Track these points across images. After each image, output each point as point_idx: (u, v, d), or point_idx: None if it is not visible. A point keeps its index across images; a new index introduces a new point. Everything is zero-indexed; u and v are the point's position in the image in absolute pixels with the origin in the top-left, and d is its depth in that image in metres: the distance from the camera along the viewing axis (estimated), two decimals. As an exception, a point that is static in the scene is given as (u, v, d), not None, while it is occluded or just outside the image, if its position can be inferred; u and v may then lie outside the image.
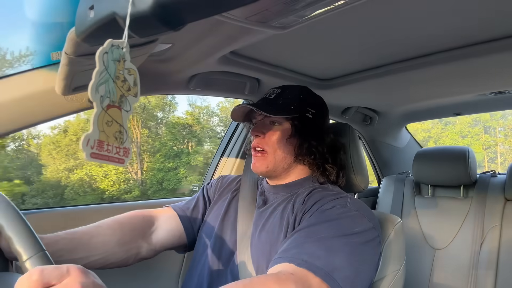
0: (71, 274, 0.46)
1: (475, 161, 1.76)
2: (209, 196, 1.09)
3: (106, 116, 0.44)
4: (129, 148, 0.48)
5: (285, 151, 0.95)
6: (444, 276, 1.66)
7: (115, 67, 0.44)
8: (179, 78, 1.10)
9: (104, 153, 0.44)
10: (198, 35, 0.84)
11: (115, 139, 0.45)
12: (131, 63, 0.47)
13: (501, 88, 1.53)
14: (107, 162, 0.45)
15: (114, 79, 0.44)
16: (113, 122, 0.45)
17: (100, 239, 0.86)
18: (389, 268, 0.91)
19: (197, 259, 0.97)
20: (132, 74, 0.47)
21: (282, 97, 0.97)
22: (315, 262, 0.69)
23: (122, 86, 0.46)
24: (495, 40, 1.04)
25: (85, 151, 0.42)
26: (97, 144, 0.43)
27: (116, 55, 0.43)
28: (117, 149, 0.46)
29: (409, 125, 2.35)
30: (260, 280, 0.65)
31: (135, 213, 0.97)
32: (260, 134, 0.95)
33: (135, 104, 0.49)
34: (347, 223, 0.79)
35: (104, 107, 0.43)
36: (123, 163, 0.47)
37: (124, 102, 0.46)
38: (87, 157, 0.42)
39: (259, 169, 0.95)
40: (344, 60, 1.23)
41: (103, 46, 0.42)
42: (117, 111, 0.45)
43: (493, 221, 1.60)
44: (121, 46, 0.44)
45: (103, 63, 0.42)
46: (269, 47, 1.07)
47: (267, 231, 0.88)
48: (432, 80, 1.38)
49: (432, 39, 1.05)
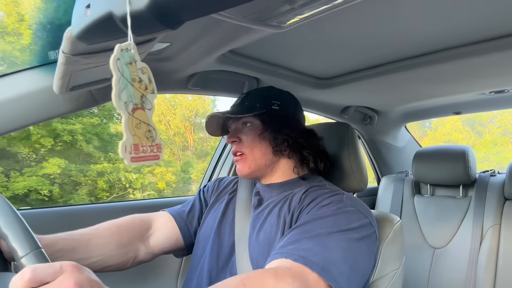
0: (65, 271, 0.46)
1: (474, 160, 1.76)
2: (205, 198, 1.09)
3: (133, 120, 0.45)
4: (160, 143, 0.49)
5: (262, 147, 0.95)
6: (444, 275, 1.66)
7: (129, 70, 0.44)
8: (178, 77, 1.09)
9: (141, 155, 0.45)
10: (196, 34, 0.84)
11: (146, 139, 0.47)
12: (142, 61, 0.47)
13: (501, 87, 1.53)
14: (146, 162, 0.46)
15: (131, 83, 0.45)
16: (141, 124, 0.46)
17: (99, 241, 0.86)
18: (388, 267, 0.91)
19: (196, 261, 0.97)
20: (145, 73, 0.48)
21: (247, 98, 0.99)
22: (312, 258, 0.69)
23: (140, 87, 0.47)
24: (494, 39, 1.03)
25: (125, 158, 0.43)
26: (133, 148, 0.44)
27: (127, 59, 0.44)
28: (150, 147, 0.47)
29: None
30: (257, 274, 0.65)
31: (132, 217, 0.98)
32: (236, 139, 0.96)
33: (155, 101, 0.50)
34: (344, 219, 0.79)
35: (130, 111, 0.44)
36: (159, 158, 0.48)
37: (146, 102, 0.47)
38: (128, 163, 0.43)
39: (243, 171, 0.96)
40: (343, 59, 1.23)
41: (114, 53, 0.42)
42: (142, 112, 0.47)
43: (493, 220, 1.60)
44: (129, 48, 0.44)
45: (118, 70, 0.42)
46: (268, 46, 1.06)
47: (264, 231, 0.88)
48: (432, 79, 1.38)
49: (431, 37, 1.04)
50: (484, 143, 8.12)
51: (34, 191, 6.30)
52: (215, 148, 1.69)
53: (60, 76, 0.76)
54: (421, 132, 9.75)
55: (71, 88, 0.85)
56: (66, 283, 0.44)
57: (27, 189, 6.22)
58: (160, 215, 1.04)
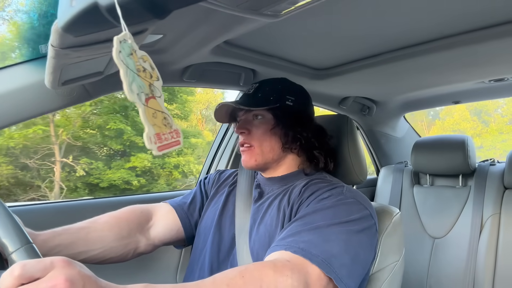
0: (55, 266, 0.45)
1: (474, 149, 1.75)
2: (206, 190, 1.08)
3: (149, 110, 0.45)
4: (178, 129, 0.49)
5: (271, 142, 0.94)
6: (443, 265, 1.67)
7: (133, 61, 0.44)
8: (172, 69, 1.08)
9: (164, 143, 0.46)
10: (189, 25, 0.82)
11: (165, 127, 0.47)
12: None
13: (500, 75, 1.51)
14: (170, 149, 0.47)
15: (138, 73, 0.44)
16: (156, 113, 0.46)
17: (98, 234, 0.85)
18: (388, 259, 0.91)
19: (197, 253, 0.97)
20: (146, 61, 0.47)
21: (260, 90, 0.96)
22: (312, 250, 0.69)
23: (145, 76, 0.46)
24: (494, 26, 1.02)
25: (152, 149, 0.44)
26: (157, 138, 0.45)
27: (127, 50, 0.43)
28: (170, 134, 0.47)
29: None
30: (256, 267, 0.65)
31: (132, 208, 0.97)
32: (245, 131, 0.94)
33: (162, 87, 0.50)
34: (344, 211, 0.78)
35: (144, 102, 0.44)
36: (180, 143, 0.49)
37: (154, 90, 0.47)
38: (156, 152, 0.44)
39: (248, 163, 0.94)
40: (340, 49, 1.21)
41: (114, 46, 0.41)
42: (154, 101, 0.47)
43: (492, 209, 1.60)
44: (126, 39, 0.42)
45: (122, 62, 0.42)
46: (263, 36, 1.04)
47: (265, 224, 0.88)
48: (431, 68, 1.37)
49: (430, 26, 1.03)
50: (490, 131, 8.27)
51: (126, 182, 7.75)
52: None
53: (51, 70, 0.75)
54: (428, 122, 9.86)
55: (63, 83, 0.83)
56: (56, 278, 0.44)
57: (121, 180, 7.65)
58: (161, 206, 1.03)
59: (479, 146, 7.65)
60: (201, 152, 9.40)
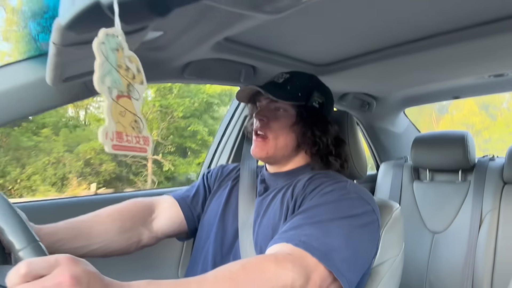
0: (60, 264, 0.46)
1: (473, 145, 1.75)
2: (209, 184, 1.09)
3: (118, 107, 0.44)
4: (148, 137, 0.48)
5: (287, 138, 0.93)
6: (443, 259, 1.68)
7: (115, 56, 0.43)
8: (173, 66, 1.08)
9: (124, 144, 0.45)
10: (189, 22, 0.82)
11: (132, 129, 0.46)
12: (130, 50, 0.46)
13: (500, 70, 1.51)
14: (130, 152, 0.46)
15: (117, 69, 0.44)
16: (126, 112, 0.45)
17: (101, 227, 0.86)
18: (388, 254, 0.92)
19: (200, 246, 0.97)
20: (134, 62, 0.47)
21: (290, 82, 0.94)
22: (313, 243, 0.69)
23: (127, 74, 0.46)
24: (494, 22, 1.01)
25: (105, 144, 0.42)
26: (116, 135, 0.44)
27: (113, 44, 0.43)
28: (136, 138, 0.46)
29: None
30: (257, 260, 0.66)
31: (134, 201, 0.97)
32: (264, 119, 0.93)
33: (144, 92, 0.49)
34: (346, 206, 0.79)
35: (114, 97, 0.43)
36: (146, 151, 0.48)
37: (132, 91, 0.46)
38: (108, 149, 0.43)
39: (259, 154, 0.93)
40: (341, 45, 1.21)
41: (98, 37, 0.41)
42: (128, 100, 0.46)
43: (491, 204, 1.60)
44: (116, 35, 0.42)
45: (102, 53, 0.41)
46: (264, 32, 1.04)
47: (268, 217, 0.89)
48: (431, 63, 1.36)
49: (430, 21, 1.02)
50: (498, 125, 8.36)
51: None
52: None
53: (52, 68, 0.75)
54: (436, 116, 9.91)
55: (65, 79, 0.83)
56: (62, 276, 0.44)
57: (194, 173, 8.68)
58: (164, 199, 1.03)
59: (488, 139, 7.71)
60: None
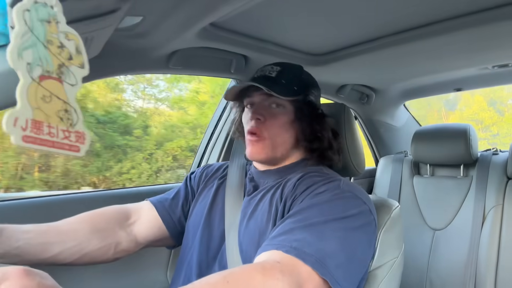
0: (9, 277, 0.41)
1: (476, 138, 1.70)
2: (192, 186, 1.03)
3: (40, 89, 0.35)
4: (84, 132, 0.39)
5: (285, 136, 0.87)
6: (444, 257, 1.63)
7: (44, 28, 0.35)
8: (156, 55, 1.01)
9: (45, 137, 0.35)
10: (170, 6, 0.76)
11: (60, 120, 0.37)
12: (69, 26, 0.38)
13: (505, 61, 1.45)
14: (53, 149, 0.36)
15: (45, 44, 0.35)
16: (52, 98, 0.36)
17: (70, 226, 0.82)
18: (387, 256, 0.86)
19: (186, 250, 0.92)
20: (73, 40, 0.38)
21: (284, 76, 0.87)
22: (305, 249, 0.63)
23: (60, 53, 0.37)
24: (497, 8, 0.96)
25: (13, 134, 0.33)
26: (32, 124, 0.34)
27: (43, 15, 0.35)
28: (65, 133, 0.37)
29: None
30: (242, 270, 0.59)
31: (108, 207, 0.93)
32: (261, 117, 0.86)
33: (83, 77, 0.40)
34: (340, 206, 0.73)
35: (36, 77, 0.35)
36: (78, 151, 0.38)
37: (66, 74, 0.38)
38: (16, 141, 0.33)
39: (258, 156, 0.87)
40: (338, 32, 1.15)
41: (22, 1, 0.33)
42: (57, 84, 0.37)
43: (495, 200, 1.55)
44: (49, 4, 0.35)
45: (24, 22, 0.33)
46: (255, 19, 0.98)
47: (255, 219, 0.83)
48: (432, 52, 1.31)
49: (431, 7, 0.97)
50: (506, 120, 8.65)
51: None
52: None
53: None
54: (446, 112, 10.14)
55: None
56: None
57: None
58: (142, 204, 0.99)
59: (496, 134, 7.97)
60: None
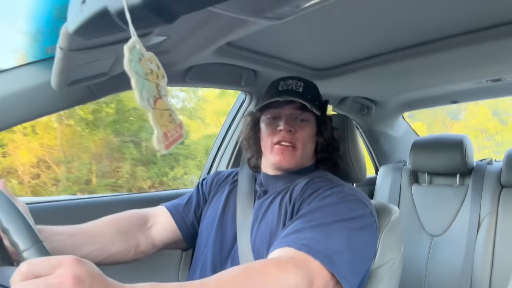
0: (63, 264, 0.46)
1: (471, 148, 1.76)
2: (204, 192, 1.09)
3: (157, 112, 0.46)
4: (181, 122, 0.50)
5: (311, 147, 0.97)
6: (442, 262, 1.68)
7: (141, 67, 0.44)
8: (175, 70, 1.09)
9: (170, 140, 0.47)
10: (192, 27, 0.84)
11: (170, 123, 0.48)
12: (147, 51, 0.47)
13: (497, 75, 1.53)
14: (175, 144, 0.48)
15: (146, 78, 0.45)
16: (163, 112, 0.47)
17: (98, 228, 0.89)
18: (387, 256, 0.92)
19: (200, 252, 0.98)
20: (153, 62, 0.47)
21: (308, 91, 0.96)
22: (314, 246, 0.70)
23: (153, 78, 0.47)
24: (491, 28, 1.03)
25: (161, 149, 0.45)
26: (164, 137, 0.46)
27: (137, 56, 0.43)
28: (175, 129, 0.48)
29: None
30: (260, 264, 0.66)
31: (129, 211, 0.99)
32: (292, 129, 0.93)
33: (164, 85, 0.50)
34: (345, 208, 0.80)
35: (152, 105, 0.45)
36: (182, 136, 0.50)
37: (161, 90, 0.48)
38: (164, 151, 0.45)
39: (288, 164, 0.93)
40: (341, 50, 1.22)
41: (126, 55, 0.41)
42: (161, 101, 0.47)
43: (489, 208, 1.61)
44: (135, 45, 0.43)
45: (133, 72, 0.42)
46: (265, 37, 1.06)
47: (266, 221, 0.89)
48: (430, 68, 1.38)
49: (429, 27, 1.04)
50: (508, 129, 8.84)
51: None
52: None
53: (58, 72, 0.76)
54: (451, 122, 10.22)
55: (70, 83, 0.85)
56: (64, 276, 0.44)
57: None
58: (158, 209, 1.05)
59: (500, 142, 8.12)
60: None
